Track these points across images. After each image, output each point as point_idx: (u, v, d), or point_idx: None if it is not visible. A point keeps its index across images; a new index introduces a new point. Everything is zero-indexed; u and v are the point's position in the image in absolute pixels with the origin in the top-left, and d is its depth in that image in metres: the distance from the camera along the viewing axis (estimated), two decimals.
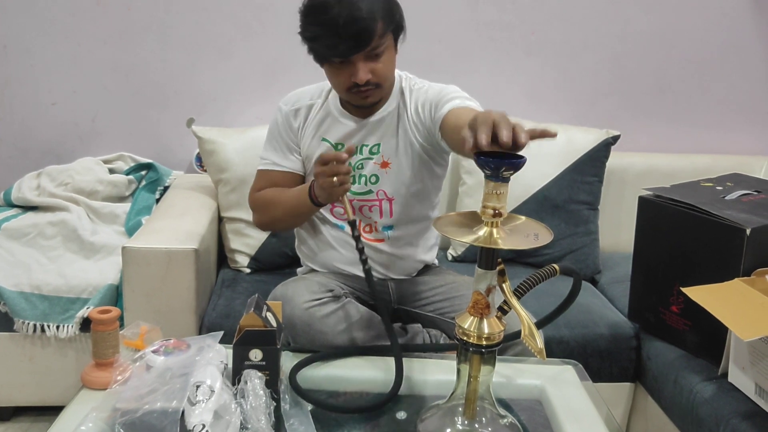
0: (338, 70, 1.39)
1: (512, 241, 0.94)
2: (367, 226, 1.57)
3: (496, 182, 0.93)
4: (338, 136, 1.54)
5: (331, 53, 1.36)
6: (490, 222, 0.95)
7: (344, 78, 1.39)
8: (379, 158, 1.52)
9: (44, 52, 2.23)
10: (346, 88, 1.41)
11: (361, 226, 1.56)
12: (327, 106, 1.55)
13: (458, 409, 1.06)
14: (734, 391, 1.45)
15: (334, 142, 1.54)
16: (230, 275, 1.97)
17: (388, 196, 1.54)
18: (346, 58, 1.35)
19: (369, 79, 1.38)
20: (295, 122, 1.57)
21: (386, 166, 1.53)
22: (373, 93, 1.42)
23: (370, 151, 1.52)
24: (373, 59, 1.37)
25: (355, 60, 1.36)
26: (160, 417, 1.00)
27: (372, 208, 1.55)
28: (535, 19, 2.32)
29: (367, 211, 1.56)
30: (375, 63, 1.38)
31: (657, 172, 2.26)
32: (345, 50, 1.34)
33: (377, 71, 1.39)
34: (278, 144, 1.59)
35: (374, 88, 1.41)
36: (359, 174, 1.53)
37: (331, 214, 1.57)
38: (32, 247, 1.94)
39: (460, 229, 0.97)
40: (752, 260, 1.46)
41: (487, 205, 0.94)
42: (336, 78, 1.41)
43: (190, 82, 2.29)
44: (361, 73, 1.36)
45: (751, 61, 2.41)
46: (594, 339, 1.78)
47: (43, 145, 2.31)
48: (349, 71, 1.37)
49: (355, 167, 1.53)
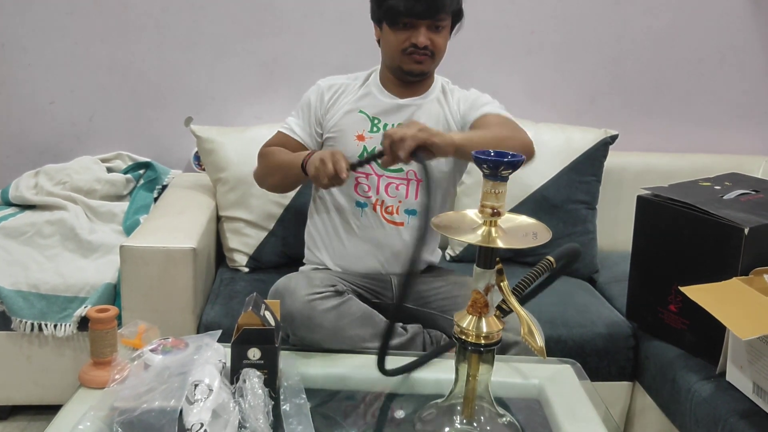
0: (401, 32, 1.51)
1: (511, 240, 0.94)
2: (389, 206, 1.59)
3: (495, 181, 0.93)
4: (375, 111, 1.61)
5: (405, 11, 1.47)
6: (489, 221, 0.95)
7: (404, 39, 1.51)
8: None
9: (41, 51, 2.22)
10: (402, 48, 1.52)
11: (383, 207, 1.60)
12: (367, 86, 1.64)
13: (457, 409, 1.06)
14: (732, 390, 1.45)
15: (371, 116, 1.61)
16: (228, 274, 1.97)
17: (417, 177, 1.59)
18: (418, 19, 1.48)
19: (428, 44, 1.51)
20: (327, 95, 1.64)
21: None
22: (426, 61, 1.54)
23: None
24: (434, 30, 1.51)
25: (419, 24, 1.49)
26: (158, 416, 0.99)
27: (399, 187, 1.59)
28: (534, 19, 2.32)
29: (394, 189, 1.59)
30: (435, 34, 1.51)
31: (655, 172, 2.27)
32: (419, 12, 1.47)
33: (435, 41, 1.52)
34: (303, 115, 1.66)
35: (429, 56, 1.53)
36: None
37: (356, 191, 1.60)
38: (30, 246, 1.94)
39: (458, 228, 0.97)
40: (750, 259, 1.47)
41: (486, 204, 0.94)
42: (396, 39, 1.52)
43: (188, 81, 2.28)
44: (422, 37, 1.50)
45: (749, 61, 2.41)
46: (592, 338, 1.78)
47: (40, 144, 2.30)
48: (411, 34, 1.50)
49: None
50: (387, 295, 1.62)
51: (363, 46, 1.87)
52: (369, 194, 1.59)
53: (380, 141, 1.32)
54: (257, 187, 1.97)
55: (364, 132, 1.59)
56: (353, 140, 1.59)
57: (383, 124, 1.60)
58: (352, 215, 1.60)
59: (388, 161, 1.30)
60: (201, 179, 2.16)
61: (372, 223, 1.60)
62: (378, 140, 1.50)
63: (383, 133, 1.31)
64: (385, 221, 1.59)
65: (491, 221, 0.95)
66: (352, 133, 1.60)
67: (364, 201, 1.59)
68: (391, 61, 1.58)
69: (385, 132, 1.29)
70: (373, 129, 1.60)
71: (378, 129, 1.59)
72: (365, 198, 1.59)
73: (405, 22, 1.50)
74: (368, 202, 1.59)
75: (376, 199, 1.59)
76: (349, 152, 1.54)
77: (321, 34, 2.28)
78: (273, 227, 1.98)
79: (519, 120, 2.21)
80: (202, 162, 2.08)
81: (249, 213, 1.98)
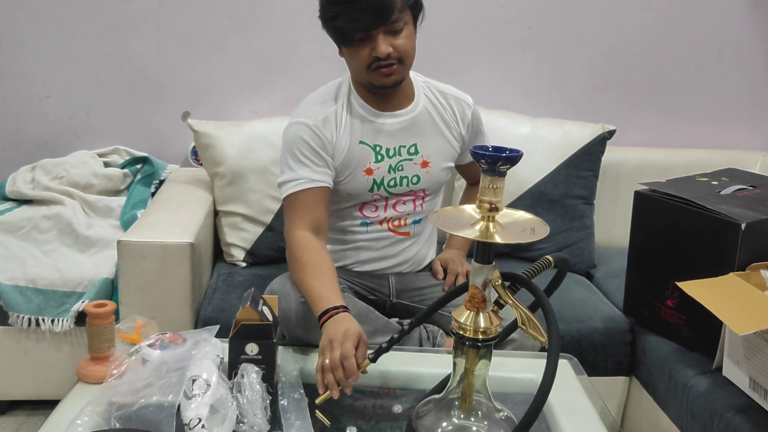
0: (359, 48, 1.39)
1: (509, 236, 0.94)
2: (396, 220, 1.58)
3: (493, 176, 0.93)
4: (375, 139, 1.51)
5: (352, 27, 1.36)
6: (487, 216, 0.95)
7: (365, 55, 1.39)
8: (418, 158, 1.53)
9: (38, 45, 2.21)
10: (367, 65, 1.40)
11: (390, 222, 1.57)
12: (352, 108, 1.51)
13: (454, 403, 1.06)
14: (728, 385, 1.45)
15: (372, 144, 1.51)
16: (226, 269, 1.97)
17: (426, 193, 1.57)
18: (368, 31, 1.36)
19: (390, 53, 1.38)
20: (327, 132, 1.47)
21: (426, 165, 1.54)
22: (396, 70, 1.41)
23: (408, 151, 1.53)
24: (393, 35, 1.38)
25: (375, 35, 1.37)
26: (156, 411, 1.00)
27: (407, 202, 1.57)
28: (531, 14, 2.32)
29: (402, 205, 1.57)
30: (395, 38, 1.38)
31: (652, 167, 2.27)
32: (366, 23, 1.35)
33: (398, 46, 1.39)
34: (307, 158, 1.46)
35: (397, 63, 1.40)
36: (400, 176, 1.53)
37: (361, 212, 1.56)
38: (27, 241, 1.94)
39: (456, 223, 0.97)
40: (747, 255, 1.47)
41: (484, 200, 0.94)
42: (357, 57, 1.41)
43: (185, 75, 2.28)
44: (382, 46, 1.37)
45: (746, 56, 2.41)
46: (589, 333, 1.78)
47: (37, 138, 2.29)
48: (370, 47, 1.38)
49: (395, 169, 1.53)
50: (384, 291, 1.62)
51: None
52: (376, 214, 1.56)
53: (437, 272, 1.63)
54: (254, 182, 1.97)
55: (370, 164, 1.51)
56: (362, 176, 1.51)
57: (385, 150, 1.51)
58: (356, 231, 1.58)
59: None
60: (198, 174, 2.16)
61: (377, 236, 1.58)
62: (384, 168, 1.51)
63: (454, 272, 1.61)
64: (391, 233, 1.58)
65: (489, 216, 0.95)
66: (360, 169, 1.50)
67: (370, 221, 1.57)
68: (360, 78, 1.46)
69: (453, 271, 1.61)
70: (377, 159, 1.51)
71: (382, 157, 1.51)
72: (372, 218, 1.56)
73: (358, 37, 1.38)
74: (374, 221, 1.57)
75: (384, 217, 1.57)
76: (358, 188, 1.51)
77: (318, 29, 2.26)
78: (270, 222, 1.98)
79: (516, 115, 2.23)
80: (200, 156, 2.08)
81: (246, 207, 1.98)
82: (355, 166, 1.50)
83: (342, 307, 1.29)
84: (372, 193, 1.53)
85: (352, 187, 1.51)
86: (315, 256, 1.41)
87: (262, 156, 1.97)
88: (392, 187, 1.53)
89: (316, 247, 1.43)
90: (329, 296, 1.32)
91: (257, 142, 1.99)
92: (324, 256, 1.43)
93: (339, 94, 1.52)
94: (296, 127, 1.48)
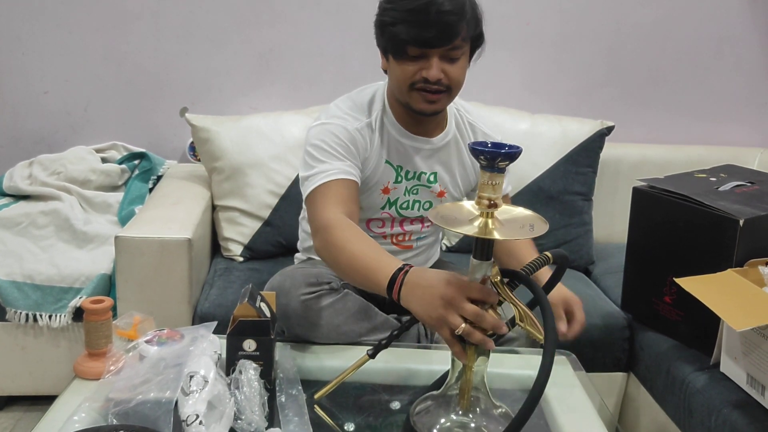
0: (409, 63, 1.30)
1: (507, 232, 0.94)
2: (401, 236, 1.56)
3: (492, 173, 0.93)
4: (399, 160, 1.46)
5: (411, 39, 1.27)
6: (486, 213, 0.95)
7: (413, 72, 1.30)
8: (436, 187, 1.51)
9: (35, 40, 2.21)
10: (411, 83, 1.32)
11: (394, 237, 1.55)
12: (383, 125, 1.44)
13: (452, 400, 1.06)
14: (726, 381, 1.45)
15: (396, 165, 1.47)
16: (223, 264, 1.96)
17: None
18: (426, 49, 1.28)
19: (441, 78, 1.30)
20: (361, 142, 1.40)
21: (442, 195, 1.53)
22: (441, 99, 1.34)
23: (427, 179, 1.50)
24: (448, 61, 1.30)
25: (431, 54, 1.28)
26: (153, 407, 1.00)
27: (414, 222, 1.55)
28: (530, 10, 2.31)
29: (408, 224, 1.55)
30: (450, 65, 1.30)
31: (651, 163, 2.27)
32: (427, 39, 1.26)
33: (450, 74, 1.31)
34: (340, 154, 1.37)
35: (444, 91, 1.33)
36: (413, 200, 1.51)
37: (368, 227, 1.53)
38: (24, 237, 1.93)
39: (455, 219, 0.97)
40: (745, 251, 1.47)
41: (483, 196, 0.94)
42: (403, 72, 1.31)
43: (183, 71, 2.27)
44: (434, 70, 1.28)
45: (745, 53, 2.41)
46: (587, 329, 1.75)
47: (34, 134, 2.29)
48: (421, 66, 1.30)
49: (410, 192, 1.51)
50: None
51: (360, 36, 1.86)
52: (382, 230, 1.54)
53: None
54: (252, 177, 1.97)
55: (389, 184, 1.48)
56: (379, 194, 1.48)
57: (405, 171, 1.48)
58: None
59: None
60: (196, 170, 2.15)
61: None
62: (401, 190, 1.48)
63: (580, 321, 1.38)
64: (394, 246, 1.57)
65: (488, 213, 0.95)
66: (379, 186, 1.47)
67: (374, 234, 1.54)
68: (399, 96, 1.38)
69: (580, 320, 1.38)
70: (397, 179, 1.48)
71: (401, 178, 1.48)
72: (376, 233, 1.54)
73: (413, 53, 1.29)
74: (378, 236, 1.55)
75: (389, 233, 1.55)
76: (371, 204, 1.49)
77: (317, 24, 2.26)
78: (268, 217, 1.98)
79: (515, 111, 2.23)
80: (198, 151, 2.07)
81: (244, 202, 1.98)
82: (375, 182, 1.47)
83: (406, 266, 1.11)
84: (382, 211, 1.51)
85: (366, 203, 1.49)
86: (357, 231, 1.25)
87: (260, 151, 1.97)
88: (404, 209, 1.52)
89: (355, 225, 1.27)
90: (383, 261, 1.14)
91: (255, 136, 1.99)
92: (365, 234, 1.27)
93: (373, 106, 1.44)
94: (331, 126, 1.39)
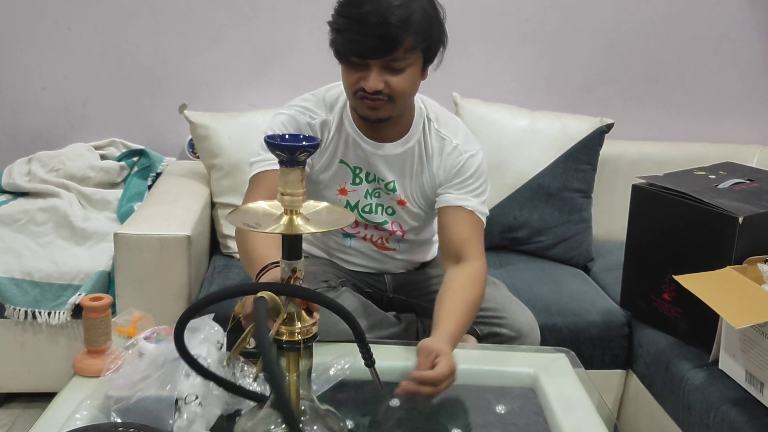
0: (352, 71, 1.30)
1: (316, 225, 0.88)
2: (379, 239, 1.55)
3: (292, 167, 0.86)
4: (357, 161, 1.45)
5: (349, 49, 1.27)
6: (290, 210, 0.88)
7: (354, 80, 1.30)
8: (396, 196, 1.48)
9: (34, 36, 2.20)
10: (353, 91, 1.32)
11: (371, 239, 1.55)
12: (342, 124, 1.43)
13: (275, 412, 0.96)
14: (725, 378, 1.46)
15: (353, 166, 1.45)
16: (222, 261, 1.96)
17: (403, 228, 1.53)
18: (363, 59, 1.27)
19: (381, 89, 1.28)
20: (313, 135, 1.39)
21: (403, 204, 1.49)
22: (383, 106, 1.32)
23: (386, 186, 1.47)
24: (390, 71, 1.28)
25: (371, 65, 1.27)
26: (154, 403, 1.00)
27: (384, 227, 1.52)
28: (529, 7, 2.31)
29: (380, 230, 1.53)
30: (393, 75, 1.29)
31: (650, 161, 2.26)
32: (364, 50, 1.26)
33: (392, 84, 1.29)
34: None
35: (386, 100, 1.31)
36: (376, 203, 1.49)
37: (341, 230, 1.51)
38: (23, 234, 1.93)
39: (259, 223, 0.90)
40: (744, 248, 1.47)
41: (286, 192, 0.87)
42: (347, 79, 1.32)
43: (182, 67, 2.27)
44: (371, 81, 1.27)
45: (744, 50, 2.41)
46: (586, 326, 1.78)
47: (33, 130, 2.28)
48: (362, 75, 1.29)
49: (372, 195, 1.48)
50: (381, 287, 1.62)
51: None
52: (356, 230, 1.52)
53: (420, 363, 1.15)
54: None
55: (346, 185, 1.47)
56: (335, 195, 1.47)
57: (365, 173, 1.46)
58: (340, 242, 1.56)
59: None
60: (195, 167, 2.15)
61: (363, 249, 1.56)
62: (361, 192, 1.45)
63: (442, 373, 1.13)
64: (376, 248, 1.56)
65: (292, 210, 0.88)
66: (335, 186, 1.47)
67: (351, 235, 1.54)
68: (349, 100, 1.38)
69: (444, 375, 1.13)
70: (355, 180, 1.46)
71: (361, 180, 1.46)
72: (352, 233, 1.53)
73: (355, 60, 1.28)
74: (356, 236, 1.54)
75: (365, 234, 1.54)
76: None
77: (316, 20, 2.24)
78: None
79: (515, 108, 2.23)
80: (197, 148, 2.07)
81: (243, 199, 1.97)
82: (329, 182, 1.46)
83: (271, 265, 1.16)
84: None
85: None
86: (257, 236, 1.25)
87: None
88: (367, 212, 1.49)
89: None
90: (264, 258, 1.19)
91: (254, 133, 1.97)
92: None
93: (336, 105, 1.44)
94: (282, 117, 1.43)
